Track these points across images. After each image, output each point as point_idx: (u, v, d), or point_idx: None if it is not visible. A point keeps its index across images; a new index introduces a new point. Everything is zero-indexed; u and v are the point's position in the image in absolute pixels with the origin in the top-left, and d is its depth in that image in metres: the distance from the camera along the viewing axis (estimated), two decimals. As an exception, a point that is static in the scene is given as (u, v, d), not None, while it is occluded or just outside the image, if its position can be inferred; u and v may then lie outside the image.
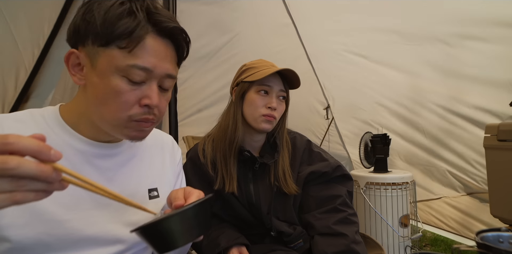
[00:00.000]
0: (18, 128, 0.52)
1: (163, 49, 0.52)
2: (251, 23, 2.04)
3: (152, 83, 0.52)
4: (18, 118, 0.54)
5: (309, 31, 2.12)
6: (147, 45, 0.50)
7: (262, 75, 0.85)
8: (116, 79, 0.49)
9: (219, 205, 0.93)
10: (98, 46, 0.49)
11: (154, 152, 0.68)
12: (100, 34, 0.48)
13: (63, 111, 0.57)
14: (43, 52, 1.63)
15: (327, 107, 2.46)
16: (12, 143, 0.30)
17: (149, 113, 0.52)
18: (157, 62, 0.51)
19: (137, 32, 0.48)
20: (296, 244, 0.90)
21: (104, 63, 0.49)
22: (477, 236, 0.91)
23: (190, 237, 0.44)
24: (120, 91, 0.49)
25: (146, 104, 0.51)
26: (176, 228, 0.43)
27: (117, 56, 0.49)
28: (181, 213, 0.43)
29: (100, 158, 0.57)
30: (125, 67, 0.49)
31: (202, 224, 0.46)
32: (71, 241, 0.52)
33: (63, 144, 0.54)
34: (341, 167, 0.96)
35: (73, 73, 0.53)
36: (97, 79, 0.50)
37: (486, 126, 1.46)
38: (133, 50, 0.48)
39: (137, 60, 0.49)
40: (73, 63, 0.52)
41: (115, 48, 0.48)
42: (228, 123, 0.90)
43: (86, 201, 0.54)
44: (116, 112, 0.51)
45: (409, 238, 1.67)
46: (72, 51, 0.52)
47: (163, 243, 0.43)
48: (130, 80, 0.50)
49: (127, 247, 0.58)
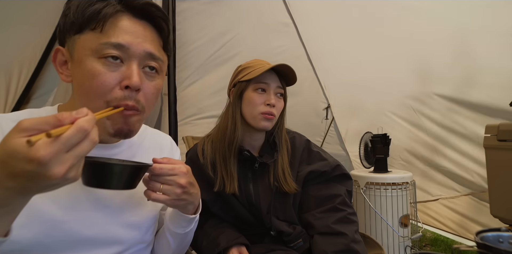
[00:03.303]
0: None
1: (140, 29, 0.51)
2: (251, 23, 2.05)
3: (132, 63, 0.50)
4: (17, 118, 0.54)
5: (310, 30, 2.12)
6: (120, 24, 0.49)
7: (258, 72, 0.86)
8: (91, 61, 0.48)
9: (219, 205, 0.93)
10: (74, 34, 0.50)
11: (153, 152, 0.68)
12: (74, 22, 0.49)
13: (61, 111, 0.57)
14: (44, 53, 1.63)
15: (327, 108, 2.46)
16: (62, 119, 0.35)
17: (130, 98, 0.49)
18: (133, 40, 0.50)
19: (105, 10, 0.48)
20: (296, 244, 0.90)
21: (80, 49, 0.49)
22: (477, 236, 0.91)
23: (113, 186, 0.47)
24: (95, 73, 0.48)
25: (126, 86, 0.49)
26: (111, 174, 0.46)
27: (90, 39, 0.49)
28: (124, 165, 0.47)
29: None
30: (98, 46, 0.48)
31: (130, 182, 0.49)
32: (69, 242, 0.52)
33: None
34: (340, 166, 0.96)
35: (60, 71, 0.53)
36: (76, 69, 0.50)
37: (486, 126, 1.46)
38: (103, 29, 0.48)
39: (110, 38, 0.48)
40: (60, 61, 0.53)
41: (88, 32, 0.49)
42: (227, 124, 0.91)
43: (84, 202, 0.54)
44: (96, 98, 0.48)
45: (409, 238, 1.67)
46: (57, 49, 0.52)
47: (91, 179, 0.46)
48: (105, 61, 0.48)
49: (126, 248, 0.58)
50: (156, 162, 0.53)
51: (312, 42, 2.18)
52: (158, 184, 0.53)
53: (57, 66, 0.53)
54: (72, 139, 0.34)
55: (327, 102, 2.44)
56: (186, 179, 0.54)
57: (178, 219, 0.62)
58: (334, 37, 2.08)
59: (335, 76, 2.28)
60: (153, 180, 0.53)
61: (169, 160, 0.54)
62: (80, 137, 0.34)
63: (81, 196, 0.54)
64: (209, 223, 0.92)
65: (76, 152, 0.34)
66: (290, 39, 2.16)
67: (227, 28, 2.02)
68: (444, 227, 2.06)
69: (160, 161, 0.53)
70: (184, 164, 0.56)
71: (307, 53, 2.24)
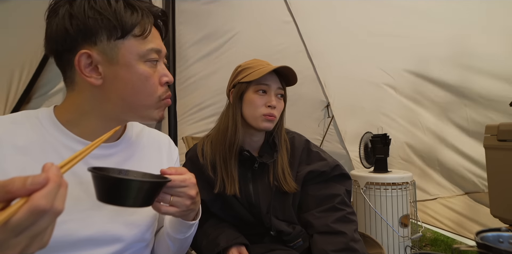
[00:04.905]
0: (14, 129, 0.53)
1: (157, 33, 0.59)
2: (251, 22, 2.04)
3: (161, 63, 0.58)
4: (14, 120, 0.54)
5: (310, 28, 2.11)
6: (152, 30, 0.55)
7: (259, 74, 0.85)
8: (142, 65, 0.54)
9: (219, 205, 0.93)
10: (115, 40, 0.52)
11: (151, 151, 0.68)
12: (117, 27, 0.51)
13: (58, 112, 0.57)
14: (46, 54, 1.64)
15: (327, 106, 2.46)
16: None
17: (167, 91, 0.59)
18: (160, 43, 0.58)
19: (147, 20, 0.54)
20: (296, 243, 0.90)
21: (126, 54, 0.53)
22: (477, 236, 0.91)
23: (130, 204, 0.45)
24: (148, 75, 0.55)
25: (165, 82, 0.57)
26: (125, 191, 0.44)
27: (136, 45, 0.53)
28: (138, 181, 0.45)
29: (97, 159, 0.57)
30: (146, 52, 0.54)
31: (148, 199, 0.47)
32: (69, 242, 0.52)
33: (58, 144, 0.54)
34: (339, 166, 0.96)
35: (87, 75, 0.52)
36: (124, 72, 0.53)
37: (486, 126, 1.46)
38: (147, 36, 0.54)
39: (152, 44, 0.55)
40: (85, 64, 0.52)
41: (131, 38, 0.53)
42: (228, 125, 0.90)
43: (84, 202, 0.54)
44: (149, 96, 0.56)
45: (409, 238, 1.67)
46: (83, 52, 0.51)
47: (106, 195, 0.44)
48: (150, 64, 0.55)
49: (126, 247, 0.59)
50: (165, 174, 0.52)
51: (312, 39, 2.18)
52: (168, 196, 0.52)
53: (82, 70, 0.52)
54: (23, 224, 0.28)
55: (327, 101, 2.44)
56: (195, 189, 0.54)
57: (179, 225, 0.62)
58: (334, 35, 2.07)
59: (334, 73, 2.28)
60: (164, 192, 0.51)
61: (177, 170, 0.54)
62: (35, 218, 0.28)
63: (81, 195, 0.54)
64: (209, 223, 0.92)
65: (30, 232, 0.29)
66: (291, 37, 2.15)
67: (228, 27, 2.02)
68: (443, 226, 2.07)
69: (168, 172, 0.52)
70: (192, 174, 0.55)
71: (307, 51, 2.23)
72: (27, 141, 0.52)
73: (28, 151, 0.52)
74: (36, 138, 0.53)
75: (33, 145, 0.52)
